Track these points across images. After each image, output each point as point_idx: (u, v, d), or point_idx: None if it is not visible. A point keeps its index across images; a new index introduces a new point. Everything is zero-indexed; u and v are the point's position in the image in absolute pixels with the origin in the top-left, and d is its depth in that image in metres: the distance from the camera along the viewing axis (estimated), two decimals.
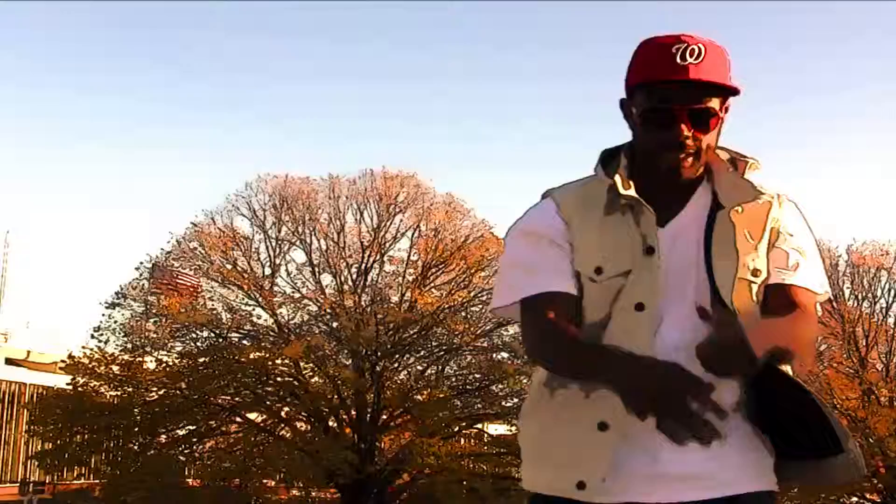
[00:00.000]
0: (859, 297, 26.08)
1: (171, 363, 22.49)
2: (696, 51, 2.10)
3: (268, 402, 23.09)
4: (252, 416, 23.11)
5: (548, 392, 2.21)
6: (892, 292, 26.84)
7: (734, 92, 2.15)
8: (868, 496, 24.32)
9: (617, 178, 2.17)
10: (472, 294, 23.65)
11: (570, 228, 2.20)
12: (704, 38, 2.14)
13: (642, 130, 2.18)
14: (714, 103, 2.14)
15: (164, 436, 22.92)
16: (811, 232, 2.30)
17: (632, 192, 2.16)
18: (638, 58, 2.20)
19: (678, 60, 2.10)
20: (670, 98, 2.11)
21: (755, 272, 2.15)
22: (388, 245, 24.32)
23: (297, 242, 24.27)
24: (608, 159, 2.27)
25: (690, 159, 2.14)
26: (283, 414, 23.41)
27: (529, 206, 2.34)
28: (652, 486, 2.08)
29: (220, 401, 22.58)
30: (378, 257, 24.18)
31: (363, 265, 24.05)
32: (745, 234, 2.16)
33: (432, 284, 24.18)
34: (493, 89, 45.39)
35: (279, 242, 24.20)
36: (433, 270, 24.08)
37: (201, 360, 22.35)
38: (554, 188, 2.31)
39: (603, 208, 2.19)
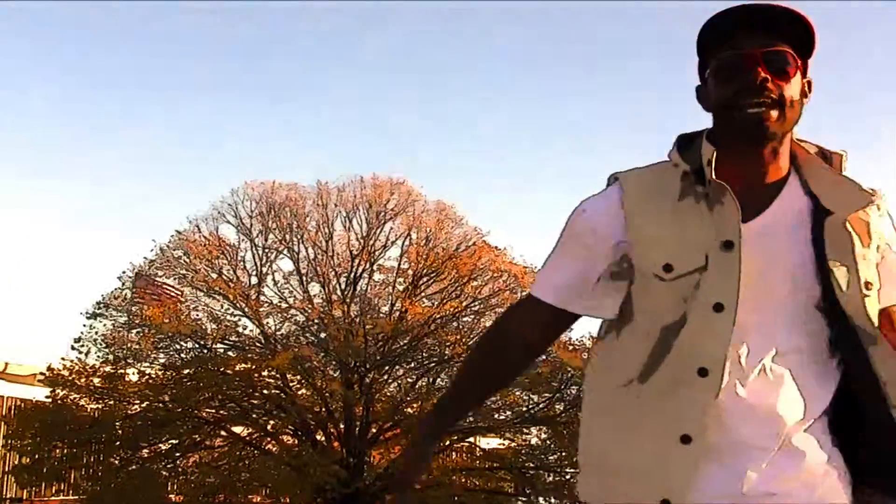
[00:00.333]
0: None
1: (153, 375, 21.95)
2: (766, 4, 2.03)
3: (254, 416, 22.61)
4: (237, 429, 22.67)
5: (625, 393, 2.08)
6: None
7: (810, 32, 2.04)
8: None
9: (706, 155, 2.03)
10: (463, 304, 23.29)
11: (632, 223, 2.08)
12: None
13: (716, 87, 2.06)
14: (793, 54, 2.04)
15: (146, 450, 22.36)
16: None
17: (713, 178, 2.01)
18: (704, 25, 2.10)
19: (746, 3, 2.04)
20: (742, 43, 2.01)
21: (867, 285, 2.03)
22: (377, 254, 23.96)
23: (285, 251, 23.88)
24: (685, 144, 2.15)
25: (775, 111, 2.00)
26: (269, 427, 22.94)
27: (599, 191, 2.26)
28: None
29: (204, 414, 22.08)
30: (367, 266, 23.80)
31: (352, 274, 23.65)
32: (857, 242, 2.03)
33: (423, 294, 23.74)
34: (485, 94, 45.02)
35: (266, 251, 23.84)
36: (424, 280, 23.68)
37: (185, 371, 21.86)
38: (623, 171, 2.20)
39: (676, 197, 2.07)
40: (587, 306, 2.19)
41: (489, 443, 25.46)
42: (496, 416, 23.46)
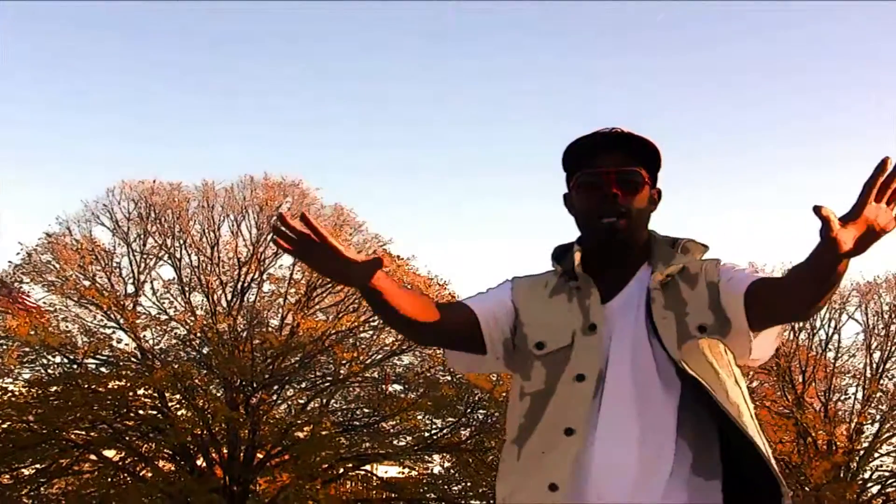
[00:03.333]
0: (795, 328, 25.18)
1: (17, 392, 21.44)
2: (623, 131, 2.58)
3: (127, 438, 22.10)
4: (109, 453, 22.12)
5: (515, 452, 2.49)
6: (833, 323, 26.15)
7: (655, 155, 2.59)
8: None
9: (576, 257, 2.57)
10: (361, 318, 22.52)
11: (518, 309, 2.62)
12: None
13: (578, 198, 2.60)
14: (642, 172, 2.57)
15: (6, 475, 21.91)
16: None
17: (580, 271, 2.56)
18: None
19: (604, 131, 2.59)
20: (600, 162, 2.55)
21: (701, 328, 2.42)
22: (268, 262, 23.24)
23: (165, 257, 23.19)
24: (562, 253, 2.68)
25: (624, 221, 2.51)
26: (144, 451, 22.40)
27: None
28: None
29: (72, 436, 21.60)
30: (257, 275, 23.14)
31: (239, 284, 23.00)
32: (680, 293, 2.48)
33: (317, 307, 23.15)
34: (386, 90, 44.41)
35: (144, 256, 23.12)
36: (318, 291, 23.00)
37: (52, 389, 21.33)
38: (518, 276, 2.73)
39: (549, 293, 2.61)
40: (492, 338, 2.60)
41: (387, 471, 24.92)
42: (395, 441, 22.96)
